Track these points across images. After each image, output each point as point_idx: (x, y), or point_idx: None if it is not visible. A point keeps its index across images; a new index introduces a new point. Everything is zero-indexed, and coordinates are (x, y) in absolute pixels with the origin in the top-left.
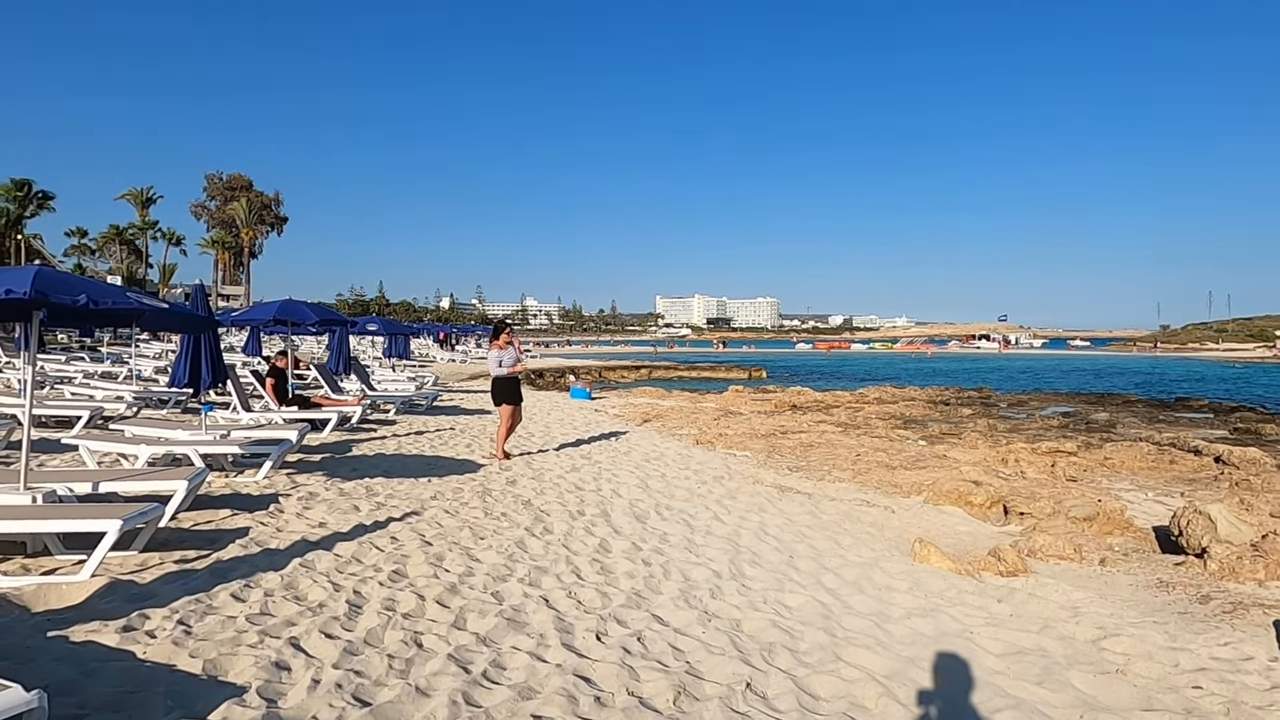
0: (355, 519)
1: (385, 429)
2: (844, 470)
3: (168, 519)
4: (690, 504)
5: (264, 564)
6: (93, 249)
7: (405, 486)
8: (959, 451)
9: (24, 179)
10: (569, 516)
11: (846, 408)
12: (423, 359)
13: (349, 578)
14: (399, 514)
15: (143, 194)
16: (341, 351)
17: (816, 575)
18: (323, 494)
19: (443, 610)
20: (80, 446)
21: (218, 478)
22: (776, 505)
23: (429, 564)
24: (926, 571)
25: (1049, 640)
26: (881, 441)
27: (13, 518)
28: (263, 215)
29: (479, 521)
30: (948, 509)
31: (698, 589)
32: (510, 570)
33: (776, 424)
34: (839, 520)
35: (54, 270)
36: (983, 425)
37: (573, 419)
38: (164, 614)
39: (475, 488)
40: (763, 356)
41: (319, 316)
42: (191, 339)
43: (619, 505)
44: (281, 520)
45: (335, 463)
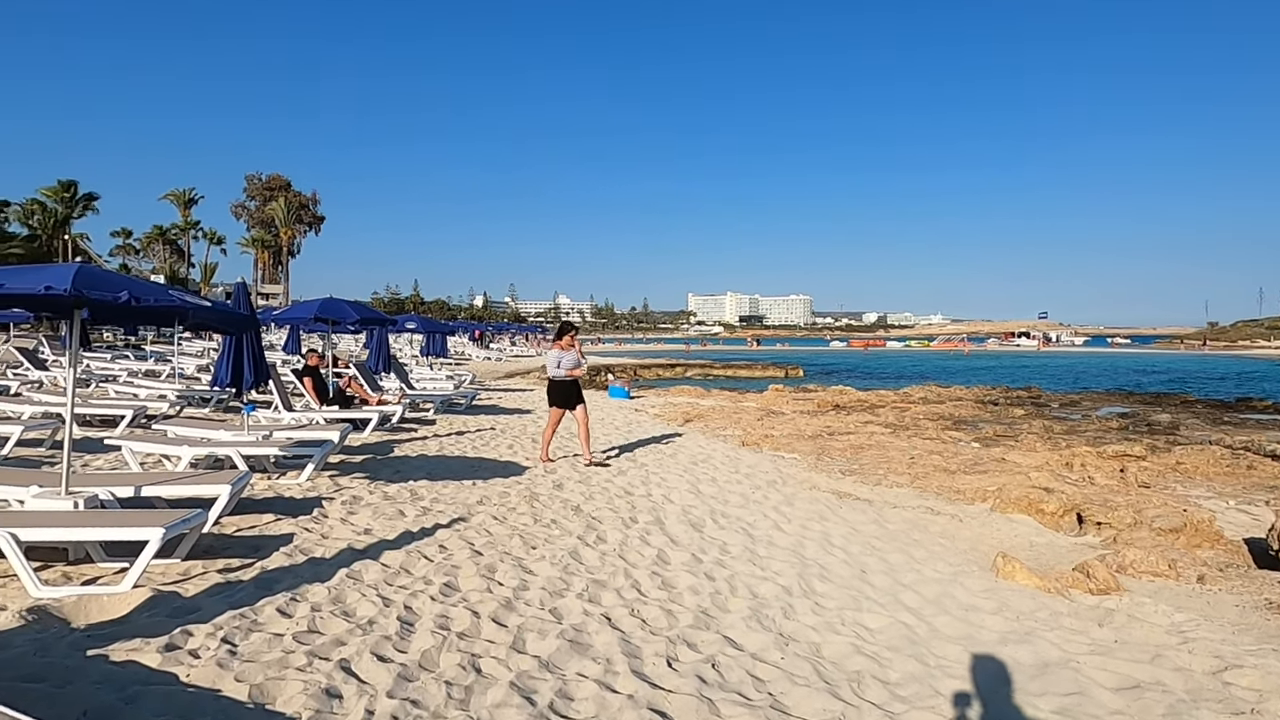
0: (401, 525)
1: (425, 429)
2: (900, 474)
3: (210, 524)
4: (746, 511)
5: (310, 575)
6: (137, 249)
7: (450, 490)
8: (1018, 455)
9: (70, 180)
10: (622, 524)
11: (892, 407)
12: (459, 357)
13: (399, 591)
14: (446, 520)
15: (185, 195)
16: (381, 350)
17: (894, 593)
18: (367, 498)
19: (500, 629)
20: (123, 447)
21: (260, 479)
22: (838, 513)
23: (481, 576)
24: (1011, 589)
25: (1164, 672)
26: (934, 443)
27: (53, 525)
28: (300, 215)
29: (529, 529)
30: (1017, 517)
31: (768, 607)
32: (567, 584)
33: (822, 424)
34: (906, 530)
35: (95, 268)
36: (1038, 427)
37: (613, 419)
38: (208, 630)
39: (522, 492)
40: (797, 354)
41: (360, 315)
42: (233, 338)
43: (672, 512)
44: (326, 526)
45: (377, 464)
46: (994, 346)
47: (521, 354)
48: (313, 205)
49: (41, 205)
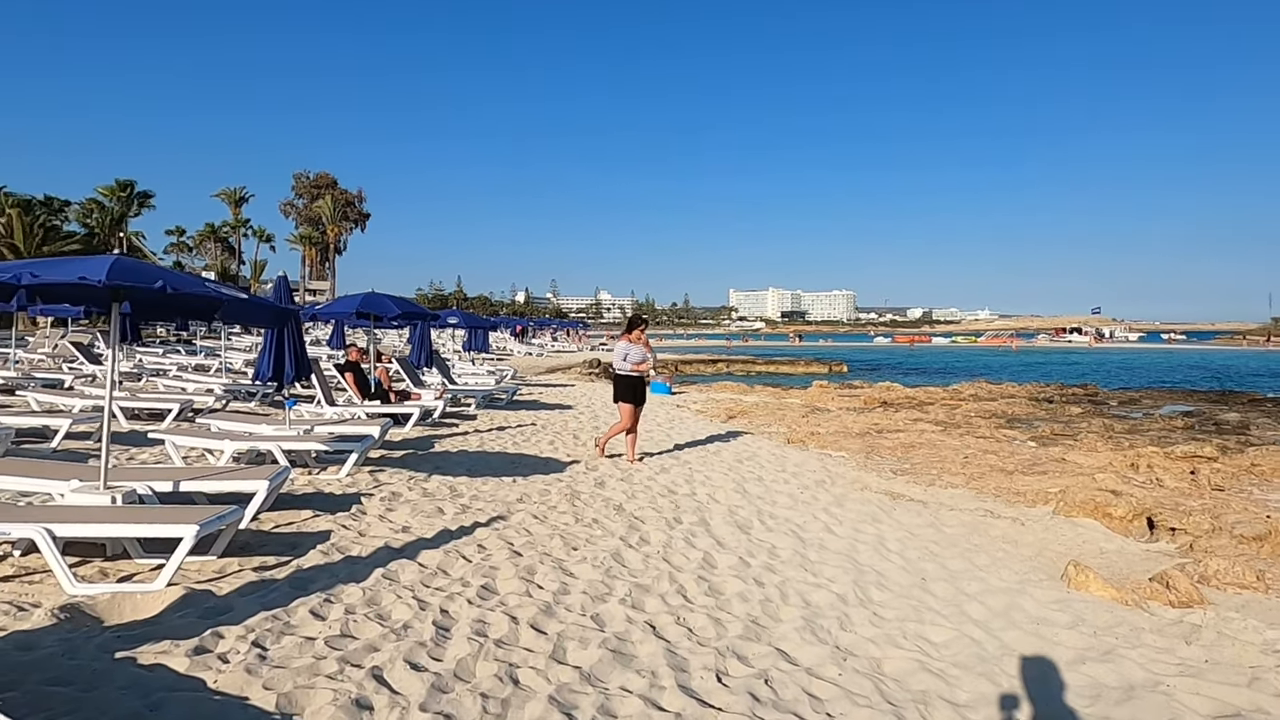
0: (440, 523)
1: (466, 424)
2: (954, 475)
3: (248, 521)
4: (795, 512)
5: (345, 574)
6: (190, 246)
7: (490, 487)
8: (1079, 455)
9: (127, 179)
10: (665, 525)
11: (942, 404)
12: (500, 352)
13: (435, 593)
14: (485, 519)
15: (235, 193)
16: (423, 345)
17: (957, 603)
18: (406, 494)
19: (539, 637)
20: (166, 441)
21: (300, 474)
22: (891, 515)
23: (520, 579)
24: (1085, 601)
25: (1265, 698)
26: (988, 442)
27: (88, 520)
28: (346, 212)
29: (570, 529)
30: (1083, 522)
31: (823, 617)
32: (609, 588)
33: (869, 422)
34: (965, 534)
35: (132, 259)
36: (1097, 425)
37: (655, 415)
38: (239, 633)
39: (563, 489)
40: (841, 350)
41: (401, 309)
42: (275, 332)
43: (718, 512)
44: (364, 523)
45: (417, 460)
46: (1044, 343)
47: (563, 349)
48: (358, 203)
49: (99, 204)
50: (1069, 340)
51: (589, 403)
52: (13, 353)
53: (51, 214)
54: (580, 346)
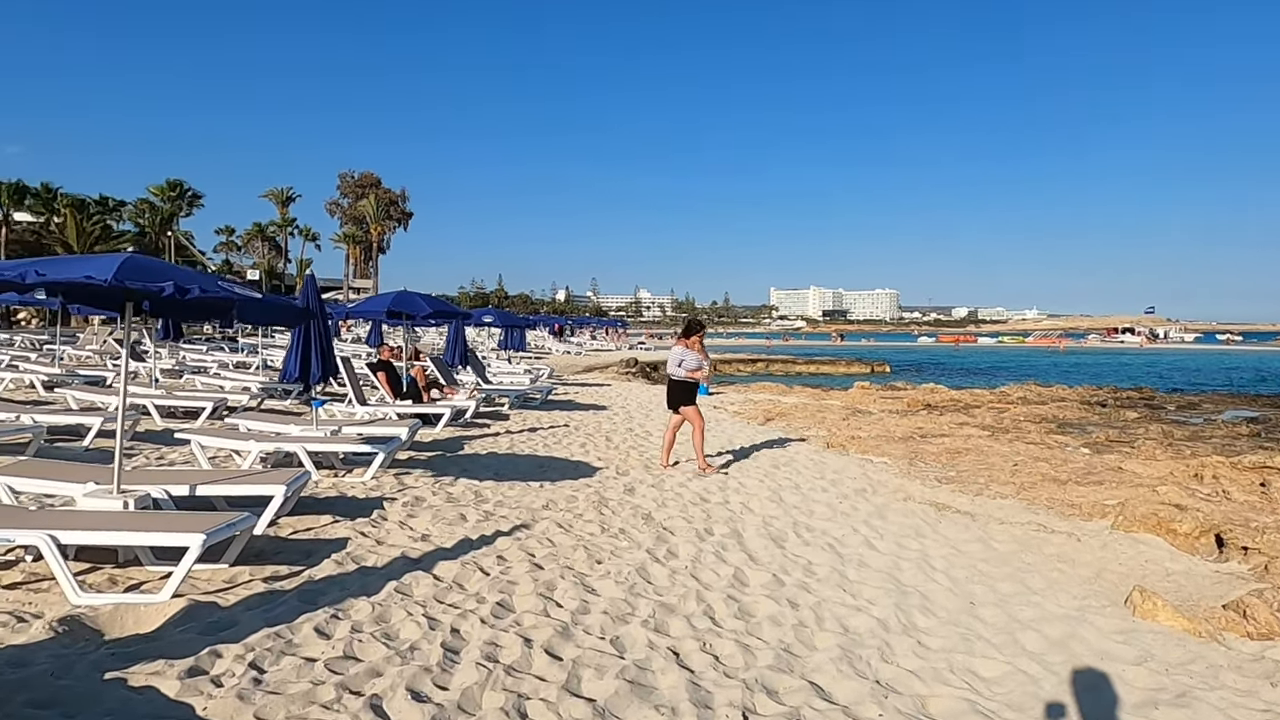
0: (460, 532)
1: (498, 424)
2: (1003, 484)
3: (263, 527)
4: (834, 524)
5: (357, 587)
6: (238, 245)
7: (516, 492)
8: (1136, 464)
9: (177, 180)
10: (696, 536)
11: (989, 408)
12: (537, 351)
13: (447, 610)
14: (507, 527)
15: (283, 193)
16: (457, 343)
17: (1010, 631)
18: (429, 499)
19: (552, 664)
20: (192, 441)
21: (325, 476)
22: (936, 529)
23: (538, 595)
24: (1153, 632)
25: None
26: (1039, 449)
27: (93, 527)
28: (390, 211)
29: (595, 540)
30: (1144, 538)
31: (862, 646)
32: (632, 608)
33: (913, 425)
34: (1016, 551)
35: (144, 257)
36: (1155, 432)
37: None
38: (237, 652)
39: (590, 496)
40: (883, 350)
41: (432, 308)
42: (301, 331)
43: (751, 523)
44: (383, 530)
45: (445, 462)
46: (1095, 343)
47: (601, 348)
48: (401, 202)
49: (150, 204)
50: (1120, 341)
51: (624, 403)
52: (58, 349)
53: (106, 213)
54: (619, 345)
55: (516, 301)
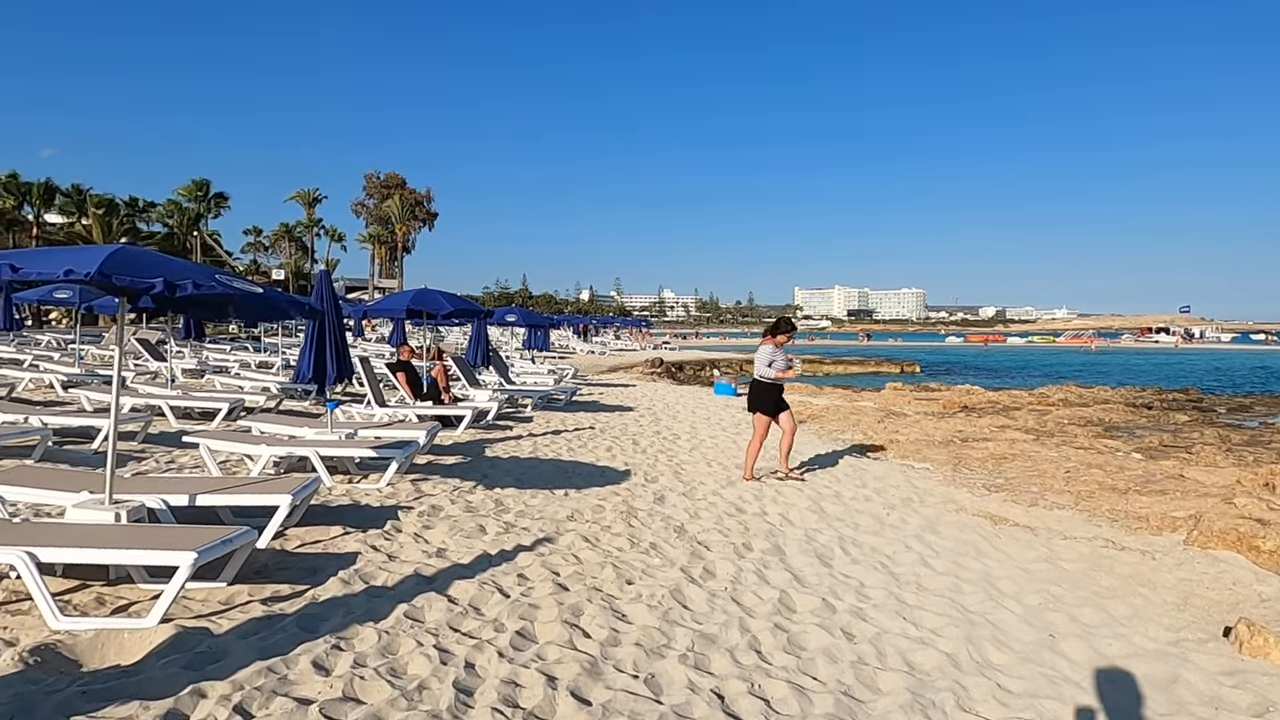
0: (479, 546)
1: (521, 427)
2: (1058, 493)
3: (267, 540)
4: (882, 539)
5: (363, 611)
6: (266, 246)
7: (539, 501)
8: (1198, 471)
9: (203, 180)
10: (734, 552)
11: (1029, 410)
12: (562, 350)
13: (462, 641)
14: (530, 540)
15: (309, 195)
16: (479, 343)
17: (1101, 671)
18: (447, 508)
19: (579, 710)
20: (201, 446)
21: (340, 481)
22: (996, 544)
23: (563, 623)
24: (1267, 674)
25: None
26: (1089, 454)
27: (80, 543)
28: (415, 211)
29: (624, 556)
30: (1223, 555)
31: (932, 688)
32: (667, 639)
33: (952, 428)
34: (1087, 570)
35: (138, 250)
36: (1211, 436)
37: (720, 419)
38: (223, 691)
39: (618, 505)
40: (911, 350)
41: (453, 306)
42: (315, 331)
43: (793, 537)
44: (395, 544)
45: (465, 467)
46: (1129, 343)
47: (625, 348)
48: (426, 202)
49: (178, 205)
50: (1155, 341)
51: (650, 404)
52: (76, 348)
53: (136, 214)
54: (643, 345)
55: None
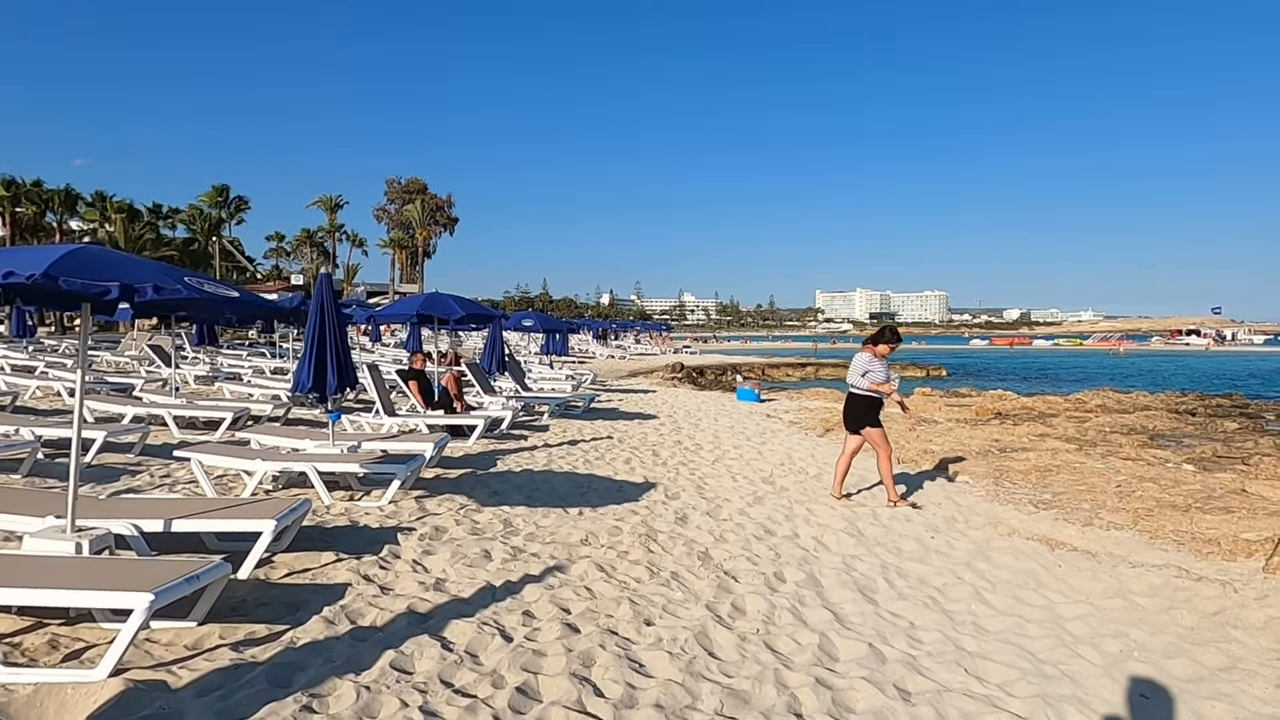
0: (482, 576)
1: (536, 436)
2: (1113, 510)
3: (248, 570)
4: (929, 567)
5: (344, 659)
6: (288, 251)
7: (550, 522)
8: (1261, 485)
9: (223, 185)
10: (765, 585)
11: (1067, 416)
12: (581, 355)
13: (453, 700)
14: (538, 569)
15: (331, 200)
16: (494, 349)
17: None
18: (451, 530)
19: None
20: (192, 460)
21: (341, 499)
22: (1056, 574)
23: (571, 676)
24: None
25: None
26: (1138, 465)
27: (20, 583)
28: (435, 216)
29: (642, 589)
30: None
31: None
32: (693, 697)
33: (988, 437)
34: (1165, 607)
35: (101, 250)
36: (1267, 445)
37: (744, 427)
38: None
39: (637, 526)
40: (936, 353)
41: (465, 310)
42: (315, 338)
43: (830, 566)
44: (391, 574)
45: (474, 481)
46: (1159, 345)
47: (646, 352)
48: (447, 207)
49: (199, 211)
50: (1187, 343)
51: (671, 411)
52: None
53: (160, 220)
54: (664, 349)
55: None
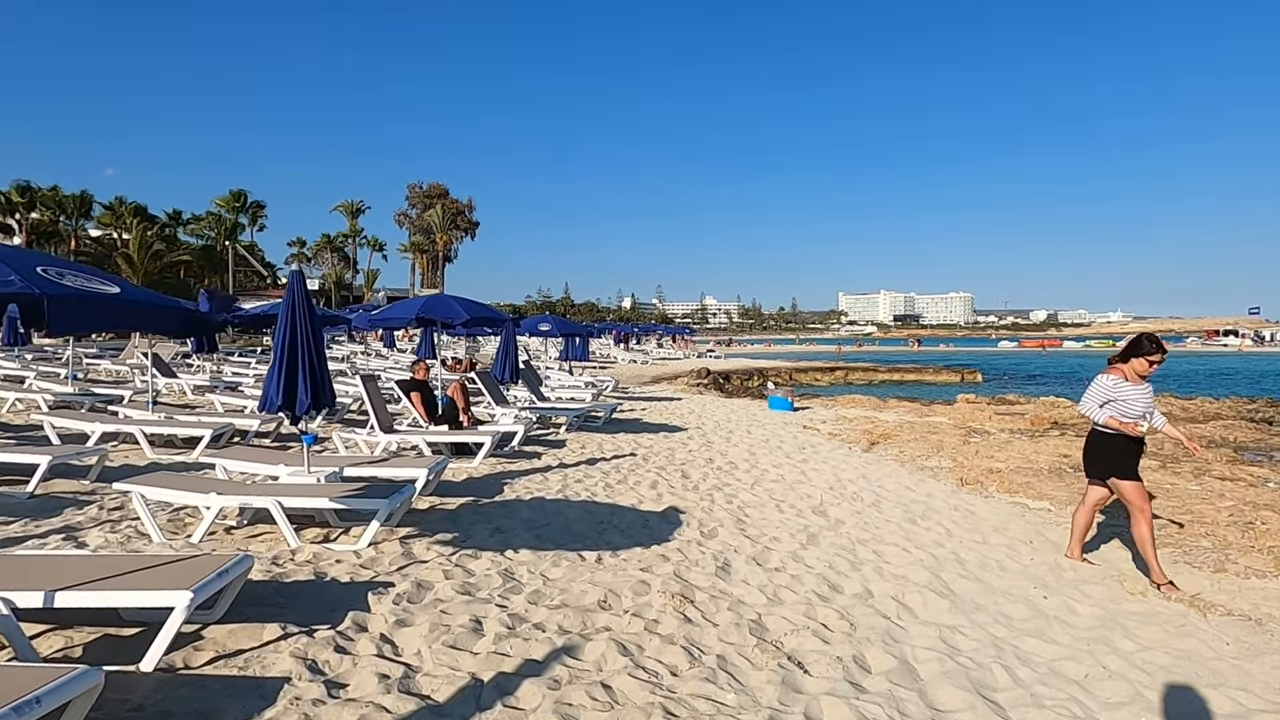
0: (466, 664)
1: (551, 454)
2: (1244, 550)
3: (152, 662)
4: (1055, 645)
5: None
6: (308, 257)
7: (561, 573)
8: None
9: (240, 190)
10: (844, 677)
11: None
12: (602, 359)
13: None
14: (542, 652)
15: (353, 206)
16: (508, 355)
17: None
18: (438, 586)
19: None
20: (133, 495)
21: (314, 537)
22: (1227, 657)
23: None
24: None
25: None
26: (1240, 487)
27: None
28: (456, 221)
29: (680, 687)
30: None
31: None
32: None
33: (1054, 451)
34: None
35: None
36: None
37: (780, 440)
38: None
39: (668, 579)
40: (966, 356)
41: (470, 313)
42: (284, 349)
43: (923, 644)
44: (349, 659)
45: (475, 515)
46: (1196, 347)
47: (668, 356)
48: (468, 212)
49: (217, 216)
50: (1225, 344)
51: (699, 422)
52: (69, 368)
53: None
54: (687, 353)
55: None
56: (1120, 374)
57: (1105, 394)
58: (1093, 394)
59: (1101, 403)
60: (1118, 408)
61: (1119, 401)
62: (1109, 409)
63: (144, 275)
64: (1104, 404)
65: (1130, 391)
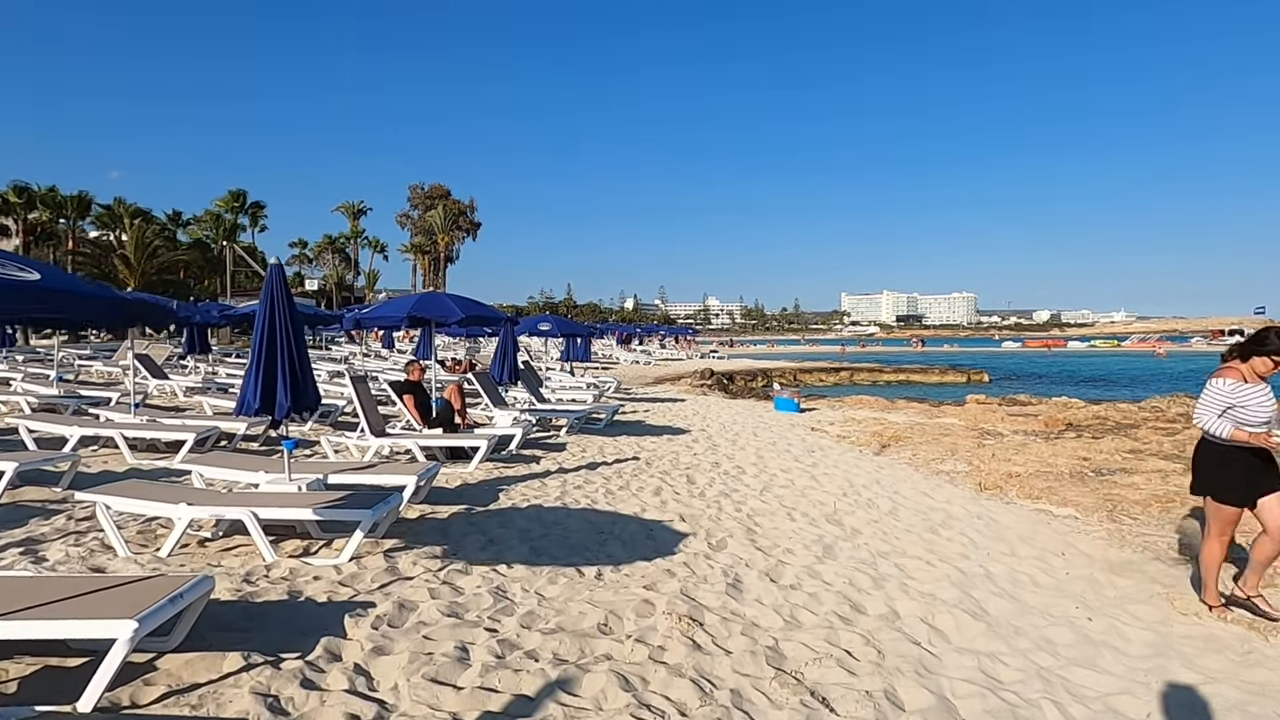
0: (448, 700)
1: (550, 457)
2: None
3: (90, 702)
4: (1107, 676)
5: None
6: (310, 258)
7: (558, 591)
8: None
9: (240, 190)
10: (874, 716)
11: (1150, 428)
12: (604, 360)
13: None
14: (534, 687)
15: (354, 207)
16: (506, 356)
17: None
18: (422, 607)
19: None
20: (97, 506)
21: (293, 549)
22: None
23: None
24: None
25: None
26: None
27: None
28: (458, 221)
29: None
30: None
31: None
32: None
33: (1072, 454)
34: None
35: None
36: None
37: (788, 443)
38: None
39: (674, 598)
40: (970, 356)
41: (465, 312)
42: (263, 348)
43: (960, 674)
44: (316, 695)
45: (468, 524)
46: (1201, 346)
47: (671, 357)
48: (470, 212)
49: (216, 216)
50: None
51: (704, 424)
52: (55, 369)
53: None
54: (689, 354)
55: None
56: (1238, 375)
57: (1223, 400)
58: (1208, 402)
59: (1220, 411)
60: (1238, 415)
61: (1239, 408)
62: (1230, 418)
63: (142, 276)
64: (1223, 412)
65: (1251, 396)
